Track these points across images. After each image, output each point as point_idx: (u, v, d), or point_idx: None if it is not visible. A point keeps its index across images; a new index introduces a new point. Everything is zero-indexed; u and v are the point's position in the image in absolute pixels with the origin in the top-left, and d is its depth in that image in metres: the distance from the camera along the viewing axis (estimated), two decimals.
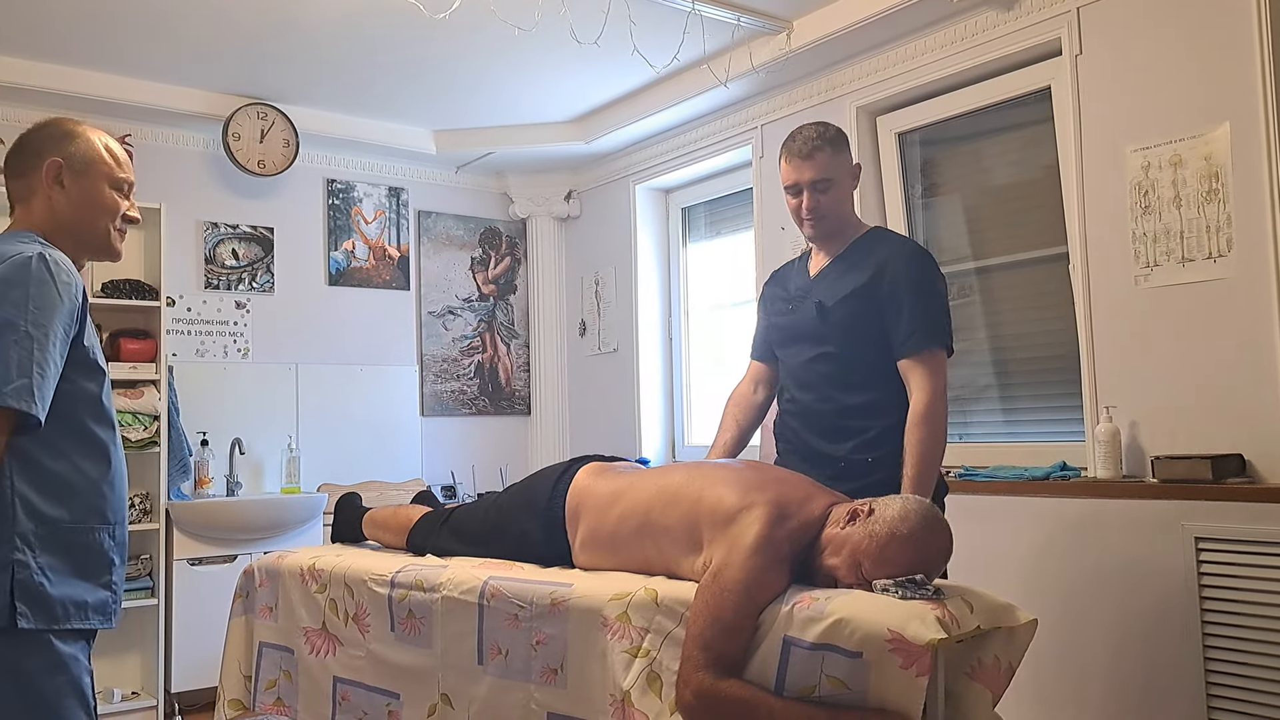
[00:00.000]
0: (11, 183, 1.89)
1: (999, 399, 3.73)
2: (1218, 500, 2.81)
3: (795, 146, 2.52)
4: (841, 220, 2.57)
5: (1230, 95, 2.90)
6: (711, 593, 1.84)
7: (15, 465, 1.68)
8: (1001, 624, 1.83)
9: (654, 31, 3.80)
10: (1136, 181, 3.12)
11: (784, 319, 2.65)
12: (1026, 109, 3.60)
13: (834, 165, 2.51)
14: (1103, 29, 3.22)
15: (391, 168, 5.40)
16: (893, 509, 1.91)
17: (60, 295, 1.71)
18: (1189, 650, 2.86)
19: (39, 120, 1.94)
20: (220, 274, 4.88)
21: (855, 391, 2.47)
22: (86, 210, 1.88)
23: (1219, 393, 2.92)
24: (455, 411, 5.55)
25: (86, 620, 1.75)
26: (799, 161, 2.51)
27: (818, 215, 2.52)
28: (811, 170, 2.49)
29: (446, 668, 2.28)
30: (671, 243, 5.37)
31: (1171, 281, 3.03)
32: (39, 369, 1.65)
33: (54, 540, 1.72)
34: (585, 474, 2.38)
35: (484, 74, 4.42)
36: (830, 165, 2.50)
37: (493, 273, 5.76)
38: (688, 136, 4.88)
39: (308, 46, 4.10)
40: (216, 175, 4.86)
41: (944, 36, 3.67)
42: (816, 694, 1.74)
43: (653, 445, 5.20)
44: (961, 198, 3.86)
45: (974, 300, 3.79)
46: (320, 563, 2.67)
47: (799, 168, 2.51)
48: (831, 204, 2.52)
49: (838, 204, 2.54)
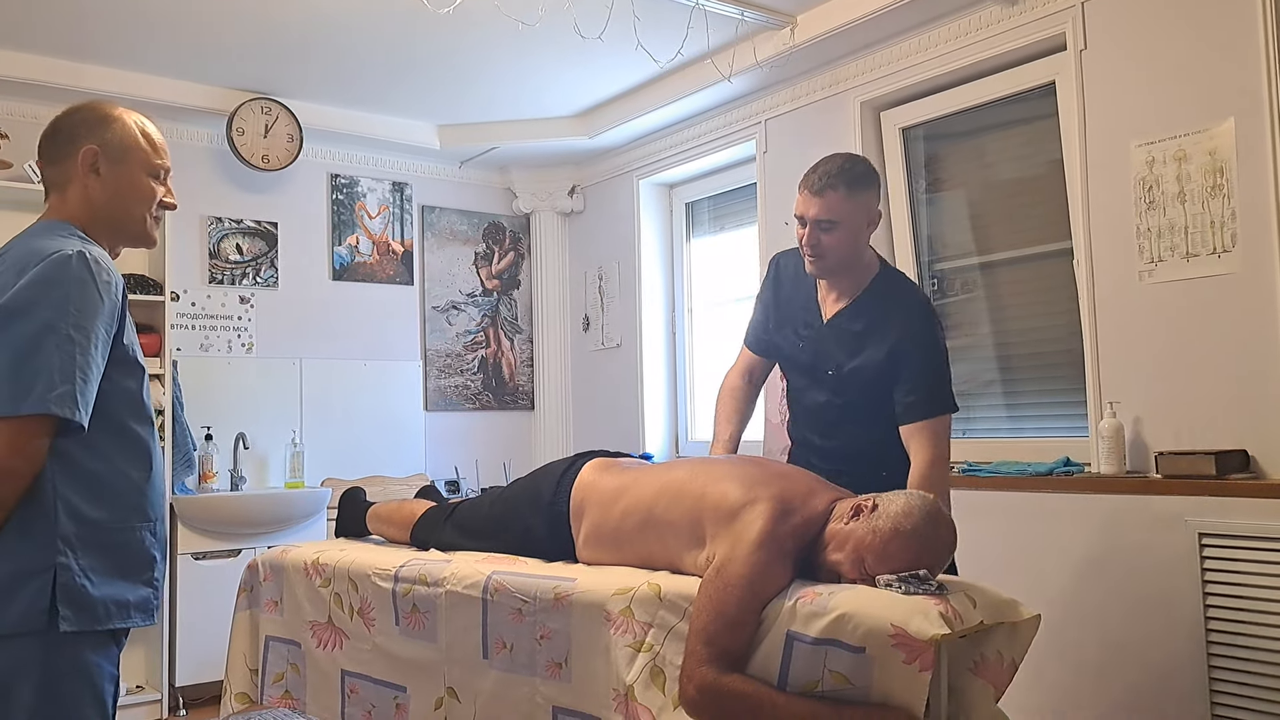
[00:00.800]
0: (47, 169, 1.86)
1: (1002, 394, 3.73)
2: (1221, 496, 2.81)
3: (812, 178, 2.43)
4: (845, 262, 2.47)
5: (1235, 90, 2.89)
6: (715, 587, 1.84)
7: (57, 467, 1.67)
8: (1005, 619, 1.84)
9: (658, 26, 3.80)
10: (1141, 177, 3.11)
11: (793, 352, 2.59)
12: (1031, 104, 3.59)
13: (844, 208, 2.39)
14: (1107, 24, 3.21)
15: (395, 163, 5.40)
16: (896, 504, 1.91)
17: (101, 295, 1.69)
18: (1192, 646, 2.86)
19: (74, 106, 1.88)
20: (224, 269, 4.88)
21: (870, 429, 2.46)
22: (123, 198, 1.85)
23: (1223, 388, 2.91)
24: (459, 406, 5.56)
25: (129, 619, 1.74)
26: (807, 195, 2.42)
27: (817, 253, 2.44)
28: (817, 208, 2.40)
29: (451, 662, 2.29)
30: (675, 238, 5.36)
31: (1176, 277, 3.03)
32: (81, 373, 1.64)
33: (96, 541, 1.70)
34: (590, 469, 2.38)
35: (488, 69, 4.42)
36: (839, 207, 2.39)
37: (496, 268, 5.76)
38: (691, 131, 4.88)
39: (312, 42, 4.10)
40: (221, 170, 4.86)
41: (948, 31, 3.67)
42: (819, 689, 1.74)
43: (656, 441, 5.21)
44: (966, 193, 3.86)
45: (978, 295, 3.79)
46: (324, 557, 2.67)
47: (807, 201, 2.42)
48: (834, 245, 2.42)
49: (841, 246, 2.43)
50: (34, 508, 1.65)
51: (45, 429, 1.62)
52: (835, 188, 2.39)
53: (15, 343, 1.63)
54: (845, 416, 2.51)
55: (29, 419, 1.60)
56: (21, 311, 1.64)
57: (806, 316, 2.56)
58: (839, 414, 2.51)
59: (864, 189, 2.43)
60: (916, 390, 2.38)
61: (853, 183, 2.40)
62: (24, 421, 1.60)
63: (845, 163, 2.44)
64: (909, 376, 2.38)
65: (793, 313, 2.60)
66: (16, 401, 1.60)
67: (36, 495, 1.65)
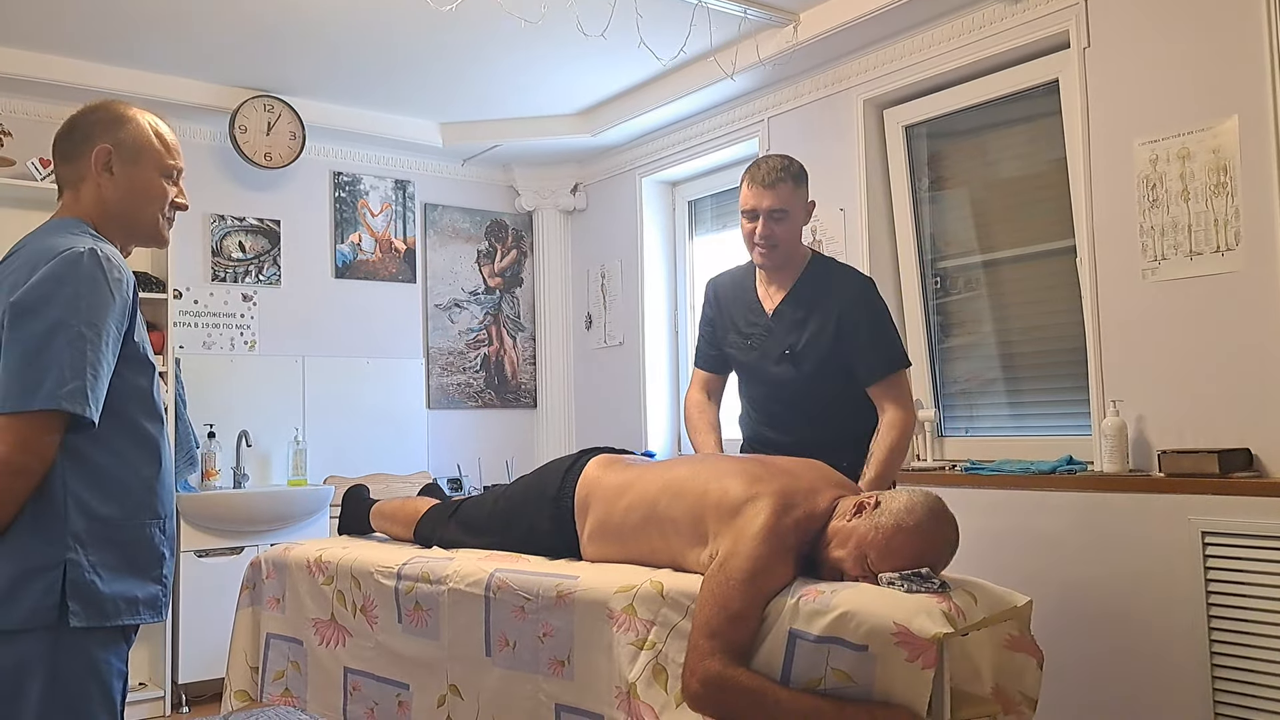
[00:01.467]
0: (61, 167, 1.87)
1: (1005, 392, 3.73)
2: (1224, 494, 2.81)
3: (759, 174, 2.63)
4: (790, 252, 2.69)
5: (1239, 88, 2.89)
6: (718, 582, 1.84)
7: (67, 464, 1.67)
8: (1004, 607, 1.87)
9: (660, 24, 3.80)
10: (1144, 175, 3.11)
11: (742, 354, 2.77)
12: (1034, 102, 3.59)
13: (793, 198, 2.63)
14: (1111, 22, 3.21)
15: (398, 160, 5.40)
16: (899, 501, 1.91)
17: (112, 293, 1.70)
18: (1195, 645, 2.86)
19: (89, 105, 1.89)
20: (227, 266, 4.89)
21: (824, 427, 2.65)
22: (136, 198, 1.86)
23: (1226, 386, 2.91)
24: (461, 404, 5.56)
25: (137, 616, 1.74)
26: (760, 189, 2.62)
27: (770, 243, 2.64)
28: (771, 199, 2.61)
29: (454, 659, 2.29)
30: (678, 236, 5.36)
31: (1179, 275, 3.02)
32: (92, 370, 1.64)
33: (106, 537, 1.71)
34: (594, 466, 2.38)
35: (490, 66, 4.42)
36: (790, 198, 2.62)
37: (499, 265, 5.76)
38: (694, 129, 4.88)
39: (315, 39, 4.10)
40: (223, 168, 4.86)
41: (951, 29, 3.67)
42: (822, 686, 1.74)
43: (658, 438, 5.21)
44: (969, 191, 3.85)
45: (981, 293, 3.79)
46: (327, 555, 2.68)
47: (759, 194, 2.62)
48: (784, 235, 2.64)
49: (790, 236, 2.66)
50: (44, 504, 1.65)
51: (56, 425, 1.63)
52: (784, 180, 2.62)
53: (27, 339, 1.63)
54: (800, 400, 2.66)
55: (40, 415, 1.60)
56: (33, 308, 1.65)
57: (750, 316, 2.76)
58: (793, 397, 2.67)
59: (804, 183, 2.69)
60: (875, 350, 2.61)
61: (797, 176, 2.66)
62: (35, 417, 1.60)
63: (785, 160, 2.67)
64: (863, 342, 2.61)
65: (735, 319, 2.80)
66: (27, 397, 1.60)
67: (47, 491, 1.65)
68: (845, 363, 2.62)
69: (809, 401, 2.67)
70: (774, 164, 2.64)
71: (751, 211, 2.63)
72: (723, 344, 2.83)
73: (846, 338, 2.61)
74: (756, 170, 2.65)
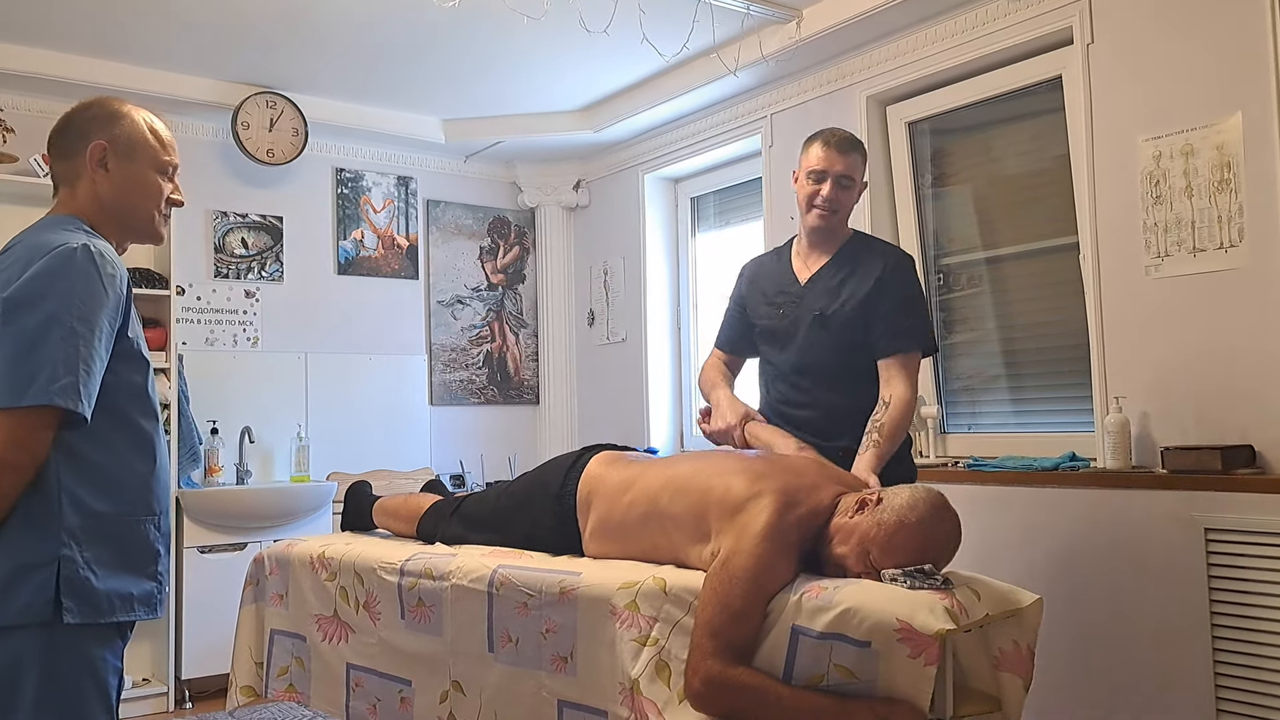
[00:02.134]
0: (56, 164, 1.87)
1: (1008, 389, 3.72)
2: (1228, 491, 2.81)
3: (834, 139, 2.65)
4: (843, 221, 2.71)
5: (1243, 84, 2.88)
6: (720, 580, 1.84)
7: (61, 460, 1.67)
8: (1009, 608, 1.85)
9: (663, 20, 3.79)
10: (1148, 171, 3.10)
11: (772, 323, 2.75)
12: (1037, 98, 3.58)
13: (859, 171, 2.68)
14: (1114, 18, 3.20)
15: (400, 157, 5.40)
16: (901, 498, 1.91)
17: (105, 288, 1.69)
18: (1198, 642, 2.86)
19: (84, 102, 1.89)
20: (230, 263, 4.89)
21: (845, 394, 2.61)
22: (131, 194, 1.85)
23: (1229, 383, 2.91)
24: (464, 401, 5.56)
25: (132, 612, 1.74)
26: (834, 153, 2.63)
27: (831, 208, 2.64)
28: (843, 165, 2.63)
29: (457, 655, 2.29)
30: (680, 232, 5.36)
31: (1182, 272, 3.02)
32: (85, 365, 1.64)
33: (100, 533, 1.70)
34: (597, 463, 2.38)
35: (493, 63, 4.41)
36: (858, 169, 2.67)
37: (501, 262, 5.76)
38: (697, 126, 4.87)
39: (317, 35, 4.10)
40: (226, 164, 4.87)
41: (955, 25, 3.66)
42: (825, 683, 1.74)
43: (661, 435, 5.21)
44: (972, 187, 3.85)
45: (984, 290, 3.79)
46: (330, 551, 2.68)
47: (832, 158, 2.63)
48: (846, 202, 2.66)
49: (849, 205, 2.68)
50: (38, 500, 1.65)
51: (48, 421, 1.63)
52: (857, 151, 2.67)
53: (19, 335, 1.63)
54: (825, 367, 2.62)
55: (32, 411, 1.61)
56: (26, 304, 1.65)
57: (781, 286, 2.75)
58: (818, 363, 2.63)
59: (866, 163, 2.74)
60: (898, 322, 2.58)
61: (864, 154, 2.71)
62: (27, 413, 1.60)
63: (854, 135, 2.72)
64: (888, 310, 2.58)
65: (766, 291, 2.78)
66: (19, 393, 1.60)
67: (41, 488, 1.65)
68: (870, 330, 2.59)
69: (834, 368, 2.62)
70: (848, 134, 2.68)
71: (821, 173, 2.63)
72: (753, 317, 2.80)
73: (874, 304, 2.59)
74: (831, 135, 2.66)
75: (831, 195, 2.63)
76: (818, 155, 2.64)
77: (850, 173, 2.64)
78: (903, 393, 2.52)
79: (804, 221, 2.71)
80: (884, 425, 2.47)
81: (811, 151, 2.66)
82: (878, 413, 2.51)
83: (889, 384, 2.54)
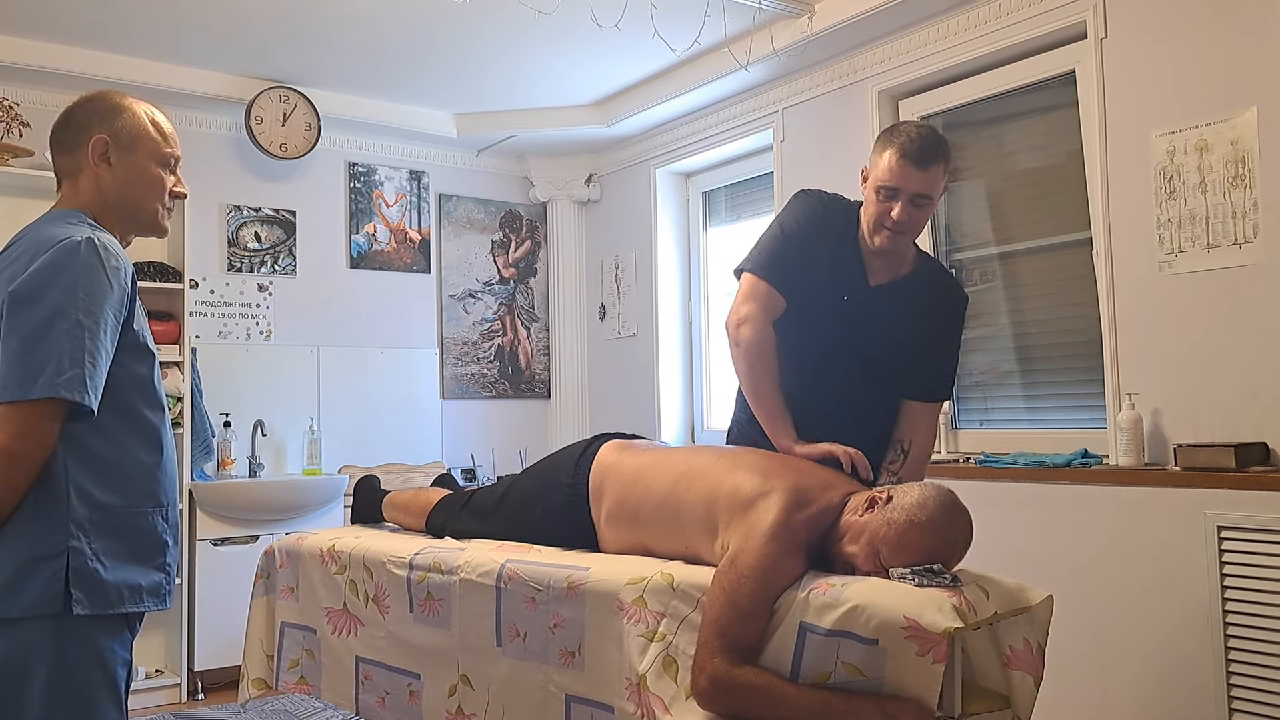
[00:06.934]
0: (59, 158, 1.88)
1: (1020, 385, 3.71)
2: (1241, 489, 2.79)
3: (912, 149, 2.18)
4: (911, 240, 2.35)
5: (1257, 79, 2.86)
6: (728, 578, 1.84)
7: (69, 452, 1.68)
8: (1019, 605, 1.84)
9: (675, 14, 3.79)
10: (1161, 166, 3.08)
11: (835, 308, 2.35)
12: (1051, 93, 3.56)
13: (940, 182, 2.24)
14: (1128, 12, 3.18)
15: (413, 151, 5.41)
16: (911, 496, 1.90)
17: (110, 281, 1.70)
18: (1210, 639, 2.85)
19: (85, 96, 1.90)
20: (243, 256, 4.91)
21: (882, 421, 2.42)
22: (133, 187, 1.86)
23: (1243, 380, 2.89)
24: (475, 394, 5.58)
25: (141, 603, 1.75)
26: (910, 168, 2.18)
27: (901, 230, 2.24)
28: (920, 182, 2.19)
29: (465, 649, 2.30)
30: (692, 227, 5.36)
31: (1196, 268, 3.00)
32: (90, 358, 1.65)
33: (108, 525, 1.71)
34: (609, 450, 2.38)
35: (505, 57, 4.41)
36: (938, 181, 2.23)
37: (513, 256, 5.77)
38: (708, 120, 4.86)
39: (330, 30, 4.11)
40: (239, 158, 4.88)
41: (967, 19, 3.64)
42: (832, 680, 1.74)
43: (672, 429, 5.21)
44: (985, 182, 3.83)
45: (996, 285, 3.77)
46: (340, 544, 2.69)
47: (908, 174, 2.19)
48: (920, 222, 2.27)
49: (923, 224, 2.31)
50: (46, 492, 1.66)
51: (55, 413, 1.64)
52: (939, 160, 2.20)
53: (25, 328, 1.65)
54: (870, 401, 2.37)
55: (39, 403, 1.62)
56: (31, 297, 1.66)
57: (850, 277, 2.35)
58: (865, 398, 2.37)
59: (949, 163, 2.28)
60: (944, 373, 2.44)
61: (948, 156, 2.25)
62: (34, 406, 1.62)
63: (936, 134, 2.26)
64: (942, 358, 2.42)
65: (835, 254, 2.34)
66: (26, 386, 1.61)
67: (49, 480, 1.66)
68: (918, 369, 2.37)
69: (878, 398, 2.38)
70: (928, 138, 2.20)
71: (893, 190, 2.20)
72: (809, 268, 2.33)
73: (933, 346, 2.37)
74: (909, 144, 2.18)
75: (904, 217, 2.21)
76: (890, 168, 2.19)
77: (928, 190, 2.20)
78: (924, 444, 2.38)
79: (867, 235, 2.31)
80: (901, 477, 2.30)
81: (884, 161, 2.21)
82: (894, 459, 2.34)
83: (915, 429, 2.36)
